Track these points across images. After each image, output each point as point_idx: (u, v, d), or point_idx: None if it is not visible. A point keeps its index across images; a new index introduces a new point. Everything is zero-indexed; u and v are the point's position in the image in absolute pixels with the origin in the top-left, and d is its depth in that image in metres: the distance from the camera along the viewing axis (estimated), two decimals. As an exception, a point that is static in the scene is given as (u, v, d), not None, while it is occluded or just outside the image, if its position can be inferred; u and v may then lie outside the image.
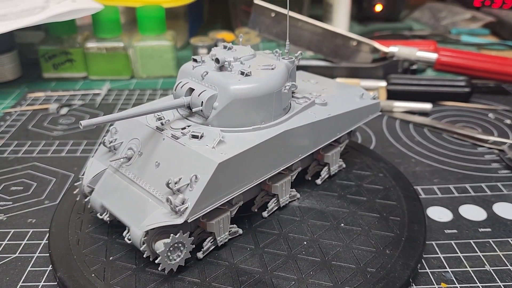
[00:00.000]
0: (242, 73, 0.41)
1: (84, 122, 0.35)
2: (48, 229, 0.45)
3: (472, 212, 0.50)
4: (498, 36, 1.09)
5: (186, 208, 0.35)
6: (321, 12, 1.12)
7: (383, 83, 0.76)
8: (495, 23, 1.10)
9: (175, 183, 0.36)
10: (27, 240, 0.45)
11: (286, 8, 0.48)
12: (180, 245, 0.37)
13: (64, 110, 0.72)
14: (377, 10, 1.14)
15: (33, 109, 0.73)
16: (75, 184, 0.44)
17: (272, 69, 0.42)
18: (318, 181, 0.50)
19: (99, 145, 0.62)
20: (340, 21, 1.05)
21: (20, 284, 0.40)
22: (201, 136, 0.39)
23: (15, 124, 0.68)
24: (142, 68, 0.85)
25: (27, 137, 0.65)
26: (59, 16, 0.77)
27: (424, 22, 1.18)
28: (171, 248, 0.36)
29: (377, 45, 0.80)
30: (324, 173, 0.50)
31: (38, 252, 0.44)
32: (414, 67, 0.81)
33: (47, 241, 0.44)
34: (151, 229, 0.36)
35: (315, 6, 1.17)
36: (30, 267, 0.42)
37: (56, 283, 0.40)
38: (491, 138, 0.64)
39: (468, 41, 1.03)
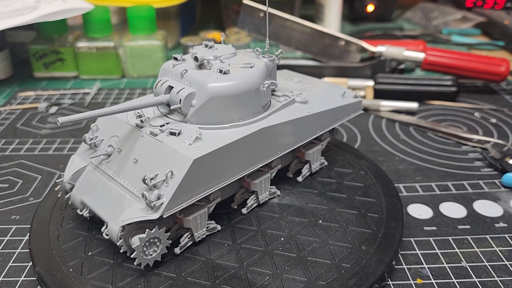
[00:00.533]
0: (221, 71, 0.41)
1: (61, 119, 0.36)
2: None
3: (452, 210, 0.50)
4: (488, 36, 1.10)
5: (162, 203, 0.36)
6: (313, 12, 1.12)
7: (370, 83, 0.77)
8: (486, 23, 1.11)
9: (151, 179, 0.36)
10: (9, 236, 0.46)
11: (275, 8, 0.48)
12: (156, 240, 0.37)
13: (53, 109, 0.73)
14: (368, 10, 1.15)
15: (22, 108, 0.73)
16: (57, 181, 0.45)
17: (251, 67, 0.43)
18: (299, 179, 0.50)
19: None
20: (331, 21, 1.06)
21: (0, 279, 0.40)
22: (179, 133, 0.39)
23: (4, 123, 0.69)
24: (132, 67, 0.86)
25: (15, 136, 0.65)
26: (50, 16, 0.78)
27: (416, 22, 1.18)
28: (147, 243, 0.37)
29: (365, 44, 0.80)
30: (305, 171, 0.51)
31: (20, 248, 0.44)
32: (402, 66, 0.82)
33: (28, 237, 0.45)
34: (127, 224, 0.36)
35: (307, 6, 1.17)
36: (11, 263, 0.42)
37: (35, 278, 0.40)
38: (475, 137, 0.64)
39: (458, 41, 1.03)
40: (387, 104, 0.72)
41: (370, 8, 1.14)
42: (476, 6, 1.20)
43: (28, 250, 0.43)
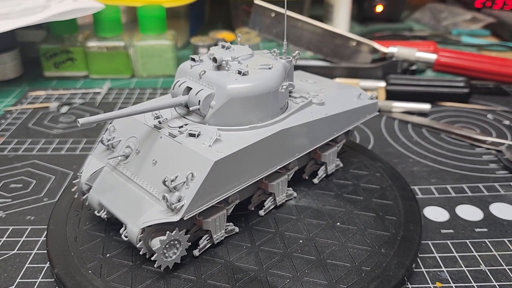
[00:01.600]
0: (239, 72, 0.41)
1: (81, 120, 0.36)
2: (46, 226, 0.45)
3: (469, 212, 0.50)
4: (498, 37, 1.09)
5: (182, 205, 0.35)
6: (321, 12, 1.12)
7: (382, 84, 0.76)
8: (495, 24, 1.10)
9: (172, 181, 0.36)
10: (25, 237, 0.46)
11: (286, 8, 0.48)
12: (176, 242, 0.37)
13: (64, 109, 0.73)
14: (377, 10, 1.14)
15: (33, 108, 0.73)
16: (73, 181, 0.45)
17: (269, 68, 0.43)
18: (315, 180, 0.50)
19: (98, 143, 0.63)
20: (340, 22, 1.06)
21: (18, 280, 0.40)
22: (198, 135, 0.39)
23: (16, 122, 0.69)
24: (142, 67, 0.85)
25: (27, 135, 0.65)
26: (60, 15, 0.78)
27: (425, 23, 1.18)
28: (167, 245, 0.36)
29: (376, 45, 0.80)
30: (321, 172, 0.50)
31: (36, 249, 0.44)
32: (414, 67, 0.81)
33: (45, 238, 0.45)
34: (147, 226, 0.36)
35: (316, 6, 1.17)
36: (28, 264, 0.42)
37: (53, 280, 0.40)
38: (489, 139, 0.64)
39: (468, 42, 1.03)
40: (399, 105, 0.72)
41: (379, 8, 1.14)
42: (485, 7, 1.20)
43: (44, 251, 0.43)
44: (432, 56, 0.78)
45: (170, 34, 0.86)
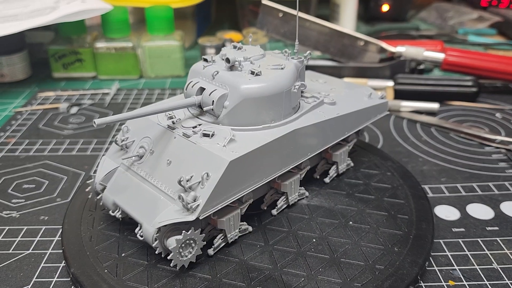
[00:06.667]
0: (252, 73, 0.41)
1: (97, 121, 0.36)
2: (60, 226, 0.46)
3: (480, 211, 0.50)
4: (505, 36, 1.09)
5: (198, 205, 0.36)
6: (328, 12, 1.12)
7: (390, 83, 0.76)
8: (502, 23, 1.10)
9: (187, 181, 0.36)
10: (40, 237, 0.46)
11: (293, 8, 0.48)
12: (191, 241, 0.37)
13: (74, 109, 0.73)
14: (384, 10, 1.14)
15: (43, 108, 0.74)
16: (87, 182, 0.45)
17: (282, 68, 0.43)
18: (327, 180, 0.50)
19: (109, 143, 0.63)
20: (347, 21, 1.06)
21: (34, 279, 0.41)
22: (212, 135, 0.39)
23: (26, 123, 0.69)
24: (150, 67, 0.86)
25: (38, 136, 0.65)
26: (69, 17, 0.78)
27: (431, 22, 1.18)
28: (183, 245, 0.37)
29: (384, 45, 0.80)
30: (332, 172, 0.51)
31: (51, 248, 0.44)
32: (421, 67, 0.81)
33: (59, 238, 0.45)
34: (163, 226, 0.36)
35: (322, 6, 1.17)
36: (44, 263, 0.43)
37: (69, 279, 0.40)
38: (499, 138, 0.64)
39: (475, 41, 1.03)
40: (407, 105, 0.72)
41: (385, 7, 1.14)
42: (491, 6, 1.20)
43: (59, 251, 0.44)
44: (440, 55, 0.78)
45: (177, 35, 0.86)
